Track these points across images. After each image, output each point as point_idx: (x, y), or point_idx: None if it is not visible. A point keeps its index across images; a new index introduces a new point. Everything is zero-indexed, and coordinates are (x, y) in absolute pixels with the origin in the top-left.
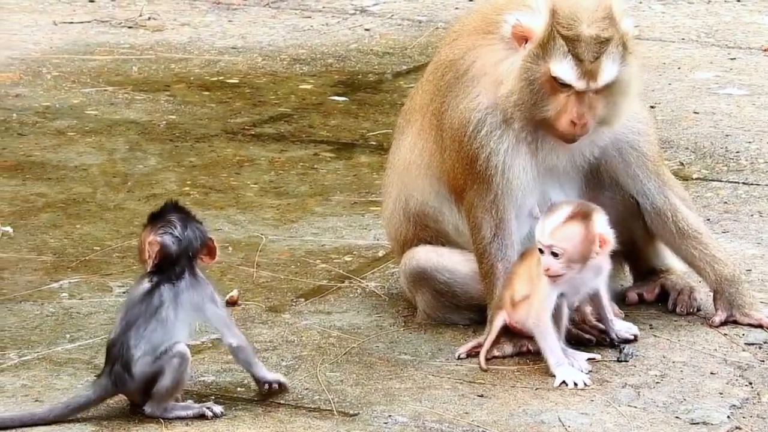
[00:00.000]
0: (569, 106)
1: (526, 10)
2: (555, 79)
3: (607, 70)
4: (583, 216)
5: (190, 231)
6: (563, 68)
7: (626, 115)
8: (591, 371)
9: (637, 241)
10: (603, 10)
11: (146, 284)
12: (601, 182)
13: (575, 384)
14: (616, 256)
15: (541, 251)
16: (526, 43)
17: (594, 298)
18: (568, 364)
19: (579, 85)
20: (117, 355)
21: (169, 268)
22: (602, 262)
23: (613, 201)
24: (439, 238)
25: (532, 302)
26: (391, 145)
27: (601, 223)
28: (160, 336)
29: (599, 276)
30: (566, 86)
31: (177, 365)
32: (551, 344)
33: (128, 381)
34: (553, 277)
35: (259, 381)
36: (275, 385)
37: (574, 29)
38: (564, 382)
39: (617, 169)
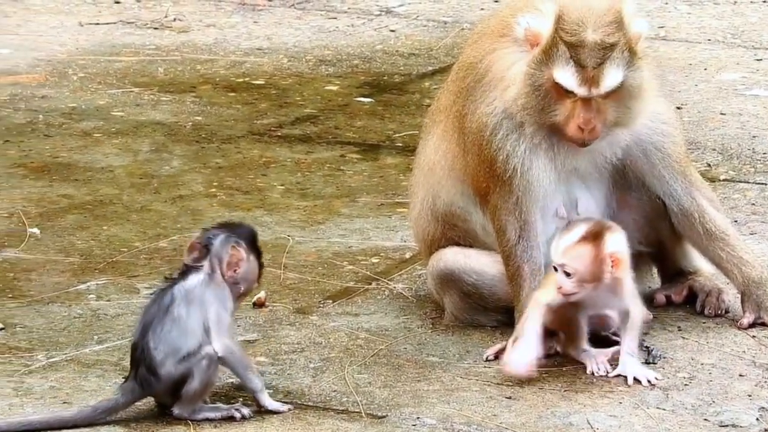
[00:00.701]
0: (576, 111)
1: (536, 14)
2: (558, 85)
3: (610, 77)
4: (596, 236)
5: (219, 235)
6: (565, 75)
7: (642, 116)
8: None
9: (665, 243)
10: (611, 14)
11: (162, 285)
12: (628, 183)
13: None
14: (644, 258)
15: (555, 269)
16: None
17: (623, 320)
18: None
19: (581, 92)
20: (140, 358)
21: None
22: (620, 278)
23: (641, 202)
24: (467, 238)
25: (537, 293)
26: (418, 145)
27: (615, 242)
28: (177, 336)
29: (618, 293)
30: (571, 92)
31: (205, 367)
32: (530, 332)
33: (154, 383)
34: (567, 295)
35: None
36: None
37: (578, 35)
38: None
39: (643, 170)
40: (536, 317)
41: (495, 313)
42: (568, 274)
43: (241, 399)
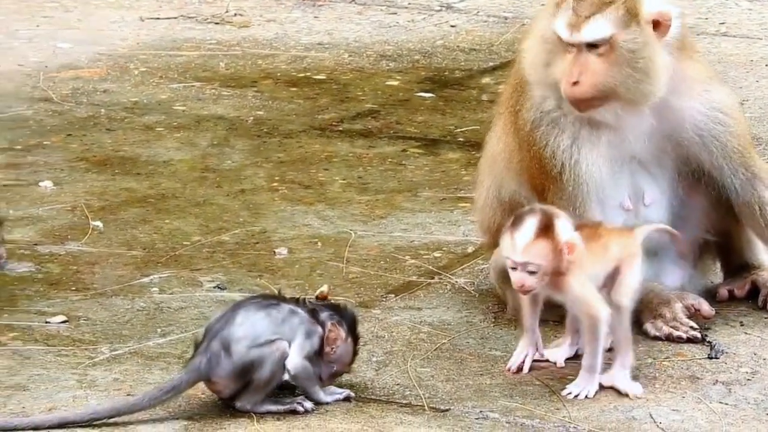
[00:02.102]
0: (567, 65)
1: None
2: (555, 34)
3: (595, 27)
4: (548, 227)
5: (323, 310)
6: (559, 21)
7: (651, 91)
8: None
9: (731, 233)
10: None
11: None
12: (693, 172)
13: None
14: (710, 249)
15: (513, 268)
16: None
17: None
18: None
19: (565, 35)
20: (219, 329)
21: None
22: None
23: (707, 192)
24: None
25: None
26: (486, 136)
27: (566, 228)
28: (264, 326)
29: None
30: (564, 43)
31: (277, 359)
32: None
33: (223, 361)
34: (527, 292)
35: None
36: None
37: None
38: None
39: (702, 159)
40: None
41: (557, 307)
42: (531, 272)
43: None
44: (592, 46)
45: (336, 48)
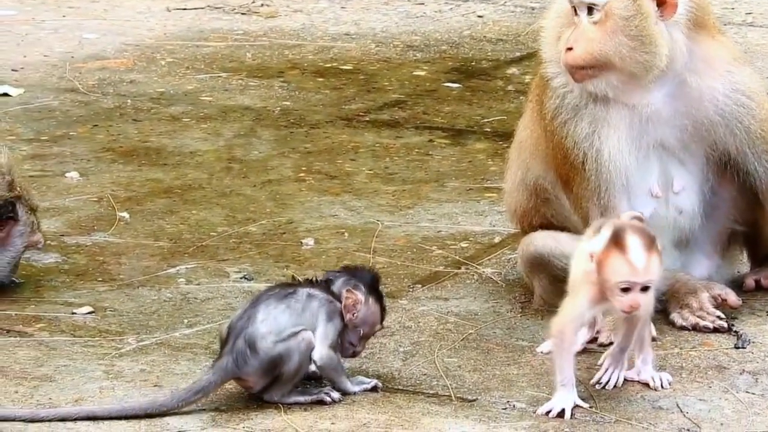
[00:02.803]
0: (567, 34)
1: None
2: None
3: None
4: (651, 239)
5: (339, 277)
6: None
7: (649, 61)
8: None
9: (759, 222)
10: None
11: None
12: (720, 159)
13: (559, 415)
14: (737, 239)
15: (624, 290)
16: None
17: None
18: (572, 387)
19: None
20: (242, 327)
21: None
22: None
23: (734, 180)
24: (559, 217)
25: (564, 312)
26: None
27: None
28: (287, 319)
29: None
30: (571, 10)
31: (304, 349)
32: (566, 361)
33: (250, 359)
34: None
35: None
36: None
37: None
38: (552, 409)
39: (727, 143)
40: (570, 346)
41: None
42: (645, 290)
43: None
44: (590, 10)
45: (363, 38)
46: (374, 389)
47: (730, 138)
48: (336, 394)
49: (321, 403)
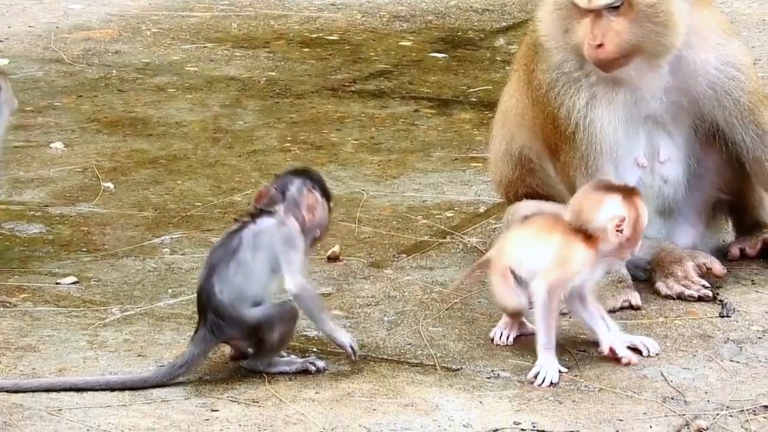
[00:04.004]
0: (588, 29)
1: None
2: (570, 2)
3: None
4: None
5: (294, 180)
6: None
7: (671, 44)
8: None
9: (744, 191)
10: None
11: (232, 227)
12: (708, 128)
13: (545, 382)
14: (722, 208)
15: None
16: None
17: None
18: (554, 352)
19: (582, 2)
20: (206, 303)
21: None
22: None
23: (720, 150)
24: (544, 186)
25: (553, 275)
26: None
27: None
28: (241, 280)
29: None
30: (577, 6)
31: (287, 318)
32: (551, 324)
33: (225, 328)
34: None
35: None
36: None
37: None
38: (538, 374)
39: (716, 115)
40: (556, 309)
41: None
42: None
43: (314, 352)
44: (611, 8)
45: (349, 8)
46: (353, 352)
47: (720, 110)
48: (321, 363)
49: (306, 372)
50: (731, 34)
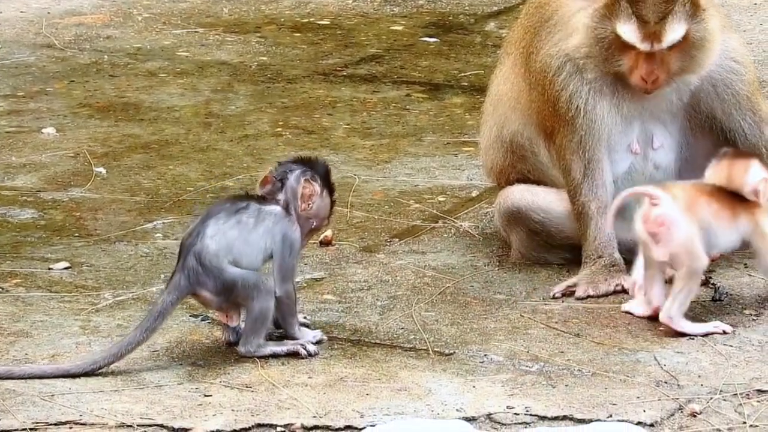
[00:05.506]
0: (639, 63)
1: None
2: (621, 39)
3: (672, 32)
4: None
5: (294, 169)
6: (628, 30)
7: (710, 62)
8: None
9: None
10: None
11: (239, 194)
12: (702, 117)
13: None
14: None
15: None
16: None
17: None
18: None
19: (644, 47)
20: (191, 243)
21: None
22: None
23: (715, 137)
24: (536, 172)
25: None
26: (491, 77)
27: None
28: (235, 237)
29: None
30: (634, 47)
31: (264, 292)
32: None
33: (201, 275)
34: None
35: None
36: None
37: None
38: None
39: (714, 106)
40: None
41: (562, 251)
42: None
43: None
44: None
45: None
46: (319, 342)
47: (718, 102)
48: (312, 347)
49: (296, 355)
50: (729, 28)
